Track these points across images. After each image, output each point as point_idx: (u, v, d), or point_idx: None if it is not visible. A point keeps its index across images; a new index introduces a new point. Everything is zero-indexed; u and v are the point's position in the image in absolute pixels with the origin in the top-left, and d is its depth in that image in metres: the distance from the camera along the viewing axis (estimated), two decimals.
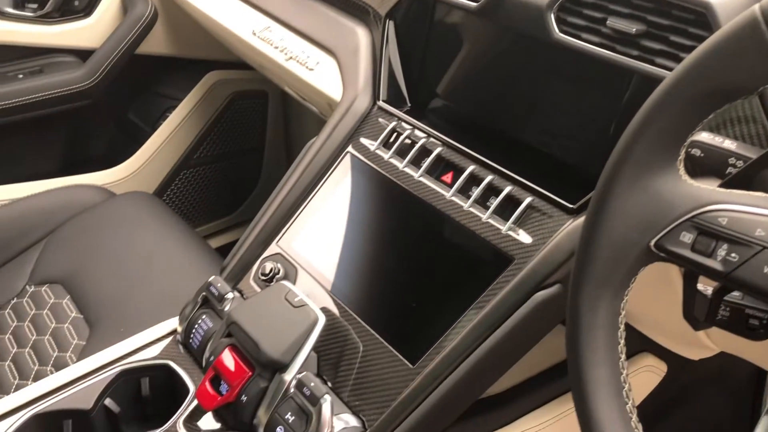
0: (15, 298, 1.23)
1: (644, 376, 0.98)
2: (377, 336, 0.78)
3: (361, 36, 1.04)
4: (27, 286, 1.24)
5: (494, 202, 0.79)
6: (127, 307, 1.14)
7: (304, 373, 0.74)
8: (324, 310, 0.82)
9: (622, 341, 0.53)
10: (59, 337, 1.14)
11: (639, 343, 0.94)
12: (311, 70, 1.10)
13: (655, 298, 0.75)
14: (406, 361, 0.75)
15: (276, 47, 1.19)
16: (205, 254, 1.27)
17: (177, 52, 1.67)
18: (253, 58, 1.35)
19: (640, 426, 0.52)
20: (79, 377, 0.83)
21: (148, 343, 0.87)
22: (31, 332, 1.16)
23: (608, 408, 0.51)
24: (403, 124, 0.92)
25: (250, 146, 1.84)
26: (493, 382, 0.77)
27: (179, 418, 0.78)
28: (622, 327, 0.53)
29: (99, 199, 1.42)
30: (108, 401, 0.82)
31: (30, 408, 0.79)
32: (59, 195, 1.42)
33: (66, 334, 1.14)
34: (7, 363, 1.12)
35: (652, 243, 0.51)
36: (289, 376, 0.74)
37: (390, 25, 0.98)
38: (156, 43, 1.62)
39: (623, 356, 0.53)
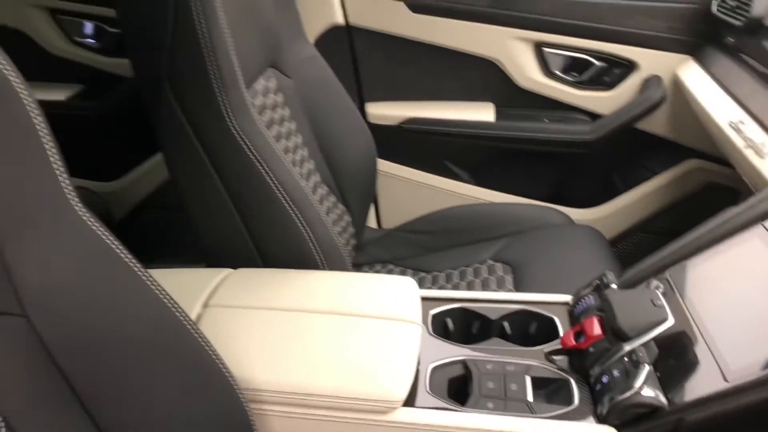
0: (477, 264, 1.69)
1: None
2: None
3: None
4: (489, 260, 1.69)
5: None
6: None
7: (640, 347, 0.96)
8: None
9: None
10: (488, 282, 1.56)
11: None
12: None
13: None
14: (722, 378, 0.90)
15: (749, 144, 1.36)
16: None
17: (668, 133, 1.93)
18: (729, 151, 1.53)
19: None
20: (497, 300, 1.19)
21: (546, 302, 1.19)
22: (471, 276, 1.60)
23: None
24: None
25: None
26: None
27: (546, 347, 1.08)
28: None
29: (559, 222, 1.80)
30: (505, 323, 1.16)
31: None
32: (533, 210, 1.86)
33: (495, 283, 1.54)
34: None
35: None
36: (629, 347, 0.97)
37: None
38: (654, 122, 1.91)
39: None
